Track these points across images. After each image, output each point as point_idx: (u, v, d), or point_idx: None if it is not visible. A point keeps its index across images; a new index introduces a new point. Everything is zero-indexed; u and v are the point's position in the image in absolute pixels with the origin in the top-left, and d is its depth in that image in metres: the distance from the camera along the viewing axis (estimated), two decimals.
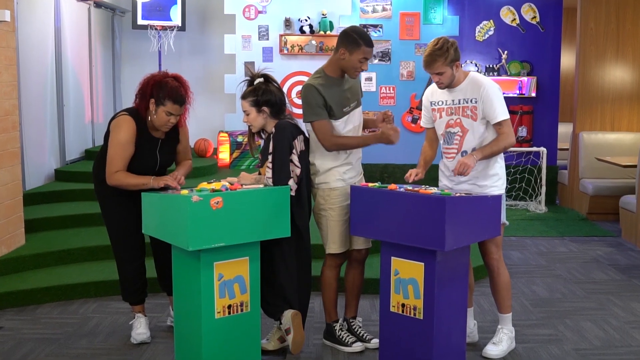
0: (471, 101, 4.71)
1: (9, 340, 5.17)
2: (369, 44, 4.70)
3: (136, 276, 5.06)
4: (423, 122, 5.08)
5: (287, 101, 4.87)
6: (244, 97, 4.80)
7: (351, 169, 4.87)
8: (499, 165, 4.84)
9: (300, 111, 4.84)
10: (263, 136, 4.87)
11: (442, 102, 4.83)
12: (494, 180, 4.80)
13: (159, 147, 4.89)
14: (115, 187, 4.76)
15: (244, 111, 4.79)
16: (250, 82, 4.84)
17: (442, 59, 4.58)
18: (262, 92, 4.72)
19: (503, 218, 4.79)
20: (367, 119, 5.07)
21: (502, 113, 4.67)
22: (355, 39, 4.65)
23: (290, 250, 4.68)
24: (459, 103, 4.76)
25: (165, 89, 4.68)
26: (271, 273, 4.66)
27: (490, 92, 4.67)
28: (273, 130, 4.66)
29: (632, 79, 10.03)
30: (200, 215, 4.12)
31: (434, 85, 4.89)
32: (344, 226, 4.82)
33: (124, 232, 4.92)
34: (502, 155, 4.86)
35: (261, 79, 4.82)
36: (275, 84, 4.85)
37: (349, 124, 4.81)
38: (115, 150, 4.73)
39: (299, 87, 10.33)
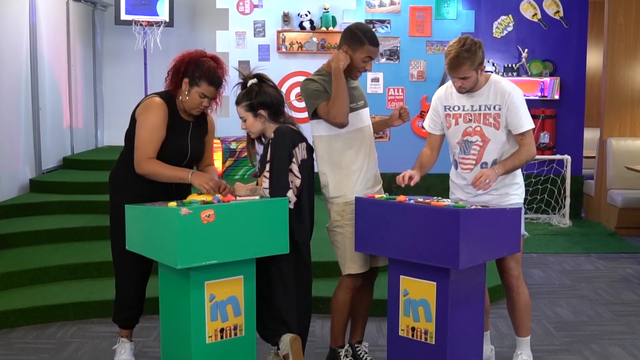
0: (494, 108, 4.68)
1: None
2: (374, 42, 4.71)
3: (136, 302, 5.03)
4: (428, 125, 5.04)
5: (285, 101, 4.87)
6: (237, 102, 4.80)
7: (365, 176, 4.86)
8: (518, 172, 4.85)
9: (300, 115, 4.84)
10: (264, 141, 4.86)
11: (459, 107, 4.80)
12: (515, 188, 4.81)
13: (190, 131, 4.88)
14: (132, 199, 4.67)
15: (240, 117, 4.79)
16: (244, 85, 4.85)
17: (469, 62, 4.52)
18: (256, 94, 4.73)
19: (522, 229, 4.80)
20: (377, 122, 5.07)
21: (527, 122, 4.66)
22: (359, 37, 4.67)
23: (289, 269, 4.68)
24: (480, 109, 4.73)
25: (202, 69, 4.70)
26: (268, 293, 4.66)
27: (516, 99, 4.65)
28: (272, 136, 4.67)
29: None
30: (190, 230, 4.12)
31: (447, 86, 4.86)
32: None
33: (133, 254, 4.72)
34: None
35: (254, 80, 4.83)
36: (271, 84, 4.85)
37: (360, 123, 4.82)
38: (146, 133, 4.70)
39: (298, 89, 10.35)
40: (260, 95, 4.72)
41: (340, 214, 4.82)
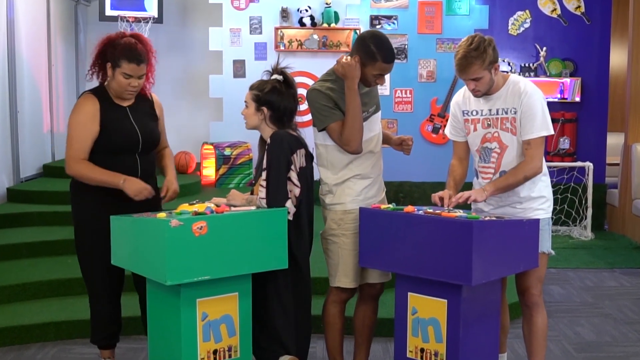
0: (511, 111, 4.66)
1: None
2: (388, 59, 4.66)
3: (111, 317, 5.06)
4: (450, 134, 5.03)
5: (296, 113, 4.86)
6: (251, 87, 4.80)
7: (370, 185, 4.86)
8: (543, 185, 4.82)
9: (302, 119, 4.82)
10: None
11: (477, 112, 4.79)
12: (540, 202, 4.80)
13: (130, 115, 4.93)
14: (94, 209, 4.76)
15: (245, 102, 4.79)
16: (270, 74, 4.85)
17: (479, 61, 4.51)
18: (269, 90, 4.73)
19: (547, 247, 4.80)
20: (383, 133, 5.05)
21: (539, 128, 4.60)
22: (372, 52, 4.62)
23: (287, 285, 4.68)
24: (497, 113, 4.72)
25: (119, 47, 4.76)
26: (264, 312, 4.67)
27: (533, 101, 4.61)
28: (268, 140, 4.67)
29: None
30: (181, 243, 4.12)
31: (465, 90, 4.84)
32: (358, 256, 4.81)
33: (99, 264, 4.82)
34: (546, 172, 4.84)
35: (279, 77, 4.81)
36: (292, 90, 4.83)
37: (369, 132, 4.79)
38: (73, 132, 4.82)
39: (298, 91, 10.35)
40: (271, 94, 4.72)
41: (337, 223, 4.83)
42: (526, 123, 4.61)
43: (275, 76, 4.80)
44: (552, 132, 4.68)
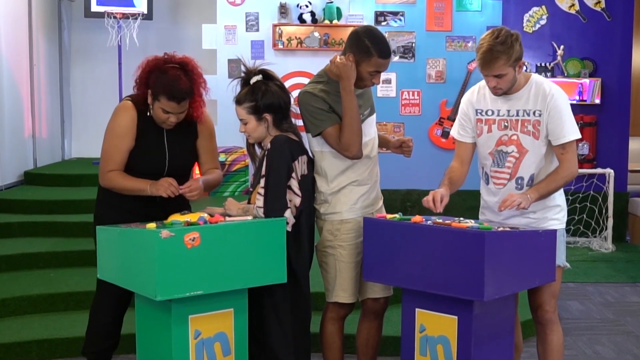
0: (534, 114, 4.65)
1: None
2: (384, 54, 4.66)
3: (109, 332, 5.04)
4: (457, 134, 5.02)
5: (292, 103, 4.85)
6: (239, 102, 4.74)
7: (367, 193, 4.86)
8: (557, 193, 4.81)
9: (301, 122, 4.81)
10: (262, 147, 4.83)
11: (494, 112, 4.78)
12: (555, 211, 4.79)
13: (165, 137, 4.90)
14: (117, 218, 4.76)
15: (240, 119, 4.75)
16: (246, 82, 4.83)
17: (505, 56, 4.47)
18: (263, 95, 4.69)
19: (563, 260, 4.79)
20: (380, 136, 5.05)
21: (571, 132, 4.62)
22: (367, 47, 4.62)
23: (285, 301, 4.67)
24: (518, 115, 4.70)
25: (161, 81, 4.67)
26: (261, 329, 4.66)
27: (560, 103, 4.62)
28: (269, 146, 4.65)
29: None
30: (171, 256, 4.11)
31: (479, 87, 4.83)
32: (357, 269, 4.81)
33: None
34: None
35: (259, 77, 4.78)
36: (277, 82, 4.82)
37: (364, 136, 4.76)
38: (109, 143, 4.83)
39: (296, 95, 10.35)
40: (267, 96, 4.68)
41: (333, 233, 4.82)
42: (555, 127, 4.61)
43: (255, 78, 4.77)
44: (580, 136, 4.71)
